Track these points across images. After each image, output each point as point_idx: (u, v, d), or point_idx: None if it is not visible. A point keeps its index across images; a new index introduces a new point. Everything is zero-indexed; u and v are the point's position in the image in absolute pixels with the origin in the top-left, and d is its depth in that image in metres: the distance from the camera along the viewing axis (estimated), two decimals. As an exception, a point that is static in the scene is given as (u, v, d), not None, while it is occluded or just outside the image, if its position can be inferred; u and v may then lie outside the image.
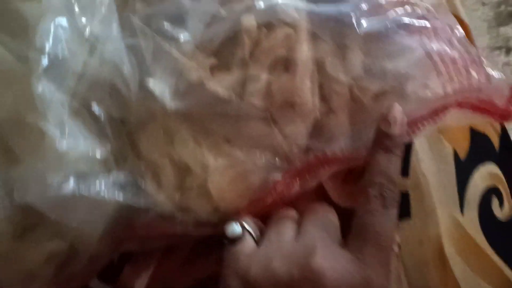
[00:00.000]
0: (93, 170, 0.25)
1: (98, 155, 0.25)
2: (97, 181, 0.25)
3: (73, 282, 0.30)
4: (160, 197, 0.29)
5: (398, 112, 0.26)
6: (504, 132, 0.38)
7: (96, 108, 0.24)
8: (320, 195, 0.35)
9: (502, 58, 1.11)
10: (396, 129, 0.25)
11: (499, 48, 1.13)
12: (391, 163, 0.25)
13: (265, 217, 0.31)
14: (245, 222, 0.27)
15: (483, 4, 1.15)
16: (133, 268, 0.35)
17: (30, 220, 0.26)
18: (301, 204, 0.35)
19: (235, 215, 0.30)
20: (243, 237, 0.27)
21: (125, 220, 0.29)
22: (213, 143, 0.28)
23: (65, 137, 0.24)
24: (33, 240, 0.27)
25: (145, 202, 0.28)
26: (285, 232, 0.26)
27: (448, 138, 0.36)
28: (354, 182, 0.35)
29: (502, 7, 1.15)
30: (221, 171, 0.28)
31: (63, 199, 0.24)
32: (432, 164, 0.36)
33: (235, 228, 0.27)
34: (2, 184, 0.25)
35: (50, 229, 0.27)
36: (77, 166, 0.24)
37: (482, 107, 0.30)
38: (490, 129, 0.38)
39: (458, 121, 0.32)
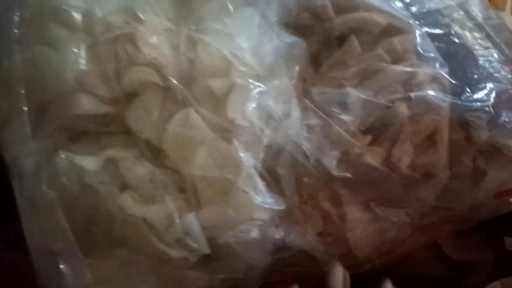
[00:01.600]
0: (270, 219, 0.32)
1: (276, 208, 0.31)
2: (272, 228, 0.32)
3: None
4: (308, 239, 0.35)
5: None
6: None
7: (280, 171, 0.31)
8: (435, 248, 0.40)
9: None
10: None
11: None
12: None
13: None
14: None
15: None
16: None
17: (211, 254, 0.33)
18: (416, 255, 0.40)
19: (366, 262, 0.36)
20: None
21: (278, 257, 0.35)
22: (361, 201, 0.33)
23: (255, 194, 0.31)
24: (210, 269, 0.34)
25: (297, 242, 0.34)
26: None
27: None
28: (466, 237, 0.40)
29: None
30: (364, 224, 0.34)
31: (249, 241, 0.31)
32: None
33: None
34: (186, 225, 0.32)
35: (226, 262, 0.34)
36: (260, 215, 0.31)
37: None
38: None
39: None
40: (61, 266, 0.33)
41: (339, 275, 0.31)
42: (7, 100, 0.37)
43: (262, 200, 0.31)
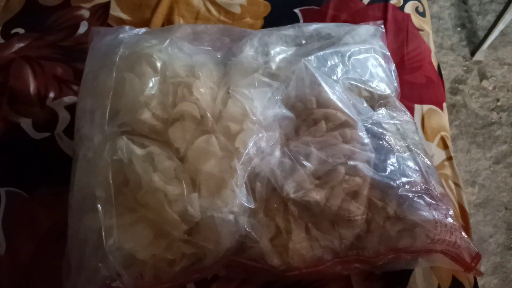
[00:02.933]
0: (242, 211, 0.49)
1: (249, 206, 0.48)
2: (242, 218, 0.48)
3: (194, 274, 0.52)
4: (262, 240, 0.51)
5: None
6: (475, 284, 0.58)
7: (257, 184, 0.49)
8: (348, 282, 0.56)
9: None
10: None
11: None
12: None
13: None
14: None
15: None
16: (219, 286, 0.56)
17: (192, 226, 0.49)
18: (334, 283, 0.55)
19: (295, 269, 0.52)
20: None
21: (237, 250, 0.51)
22: (303, 222, 0.51)
23: (240, 193, 0.48)
24: (193, 235, 0.49)
25: (255, 237, 0.50)
26: None
27: (437, 276, 0.57)
28: (373, 281, 0.56)
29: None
30: (301, 240, 0.51)
31: (225, 220, 0.47)
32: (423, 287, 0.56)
33: None
34: (185, 205, 0.49)
35: (205, 234, 0.49)
36: (237, 206, 0.48)
37: (457, 259, 0.51)
38: (466, 280, 0.58)
39: (443, 263, 0.53)
40: (98, 206, 0.48)
41: None
42: (96, 98, 0.56)
43: (241, 197, 0.48)
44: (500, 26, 1.56)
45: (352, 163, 0.51)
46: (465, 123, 1.55)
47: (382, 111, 0.58)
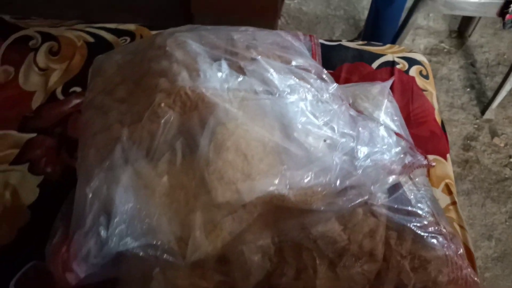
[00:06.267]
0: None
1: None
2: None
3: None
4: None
5: None
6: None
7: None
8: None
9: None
10: None
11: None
12: None
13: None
14: None
15: None
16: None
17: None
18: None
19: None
20: None
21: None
22: (326, 260, 0.57)
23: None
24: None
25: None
26: None
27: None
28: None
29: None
30: (327, 277, 0.57)
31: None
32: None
33: None
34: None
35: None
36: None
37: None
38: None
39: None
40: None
41: None
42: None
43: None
44: (507, 87, 1.65)
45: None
46: (478, 178, 1.60)
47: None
